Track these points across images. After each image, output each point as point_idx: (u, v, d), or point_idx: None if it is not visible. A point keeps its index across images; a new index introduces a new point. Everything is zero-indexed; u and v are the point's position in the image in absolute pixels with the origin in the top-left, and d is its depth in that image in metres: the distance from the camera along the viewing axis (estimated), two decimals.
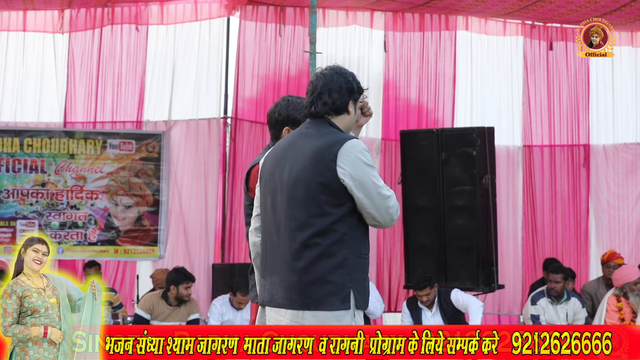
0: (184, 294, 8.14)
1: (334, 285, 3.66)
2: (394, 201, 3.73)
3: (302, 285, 3.67)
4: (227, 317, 8.29)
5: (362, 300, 3.72)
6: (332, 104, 3.77)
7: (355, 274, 3.69)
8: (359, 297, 3.70)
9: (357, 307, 3.70)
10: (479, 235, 8.63)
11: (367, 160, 3.69)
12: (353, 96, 3.82)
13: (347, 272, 3.67)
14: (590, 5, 9.16)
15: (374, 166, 3.72)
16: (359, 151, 3.69)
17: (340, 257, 3.67)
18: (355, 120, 3.88)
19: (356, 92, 3.83)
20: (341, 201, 3.66)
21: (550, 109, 10.54)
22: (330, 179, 3.66)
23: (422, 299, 8.06)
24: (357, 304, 3.69)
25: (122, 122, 9.82)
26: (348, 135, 3.78)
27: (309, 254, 3.67)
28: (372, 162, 3.72)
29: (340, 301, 3.66)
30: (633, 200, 10.55)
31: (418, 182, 9.01)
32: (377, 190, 3.68)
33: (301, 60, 9.89)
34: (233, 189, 9.83)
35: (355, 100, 3.84)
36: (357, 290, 3.69)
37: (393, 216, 3.74)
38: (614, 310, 8.12)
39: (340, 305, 3.66)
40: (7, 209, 9.54)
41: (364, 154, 3.70)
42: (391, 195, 3.72)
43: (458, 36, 10.45)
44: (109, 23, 9.76)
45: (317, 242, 3.66)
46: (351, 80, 3.83)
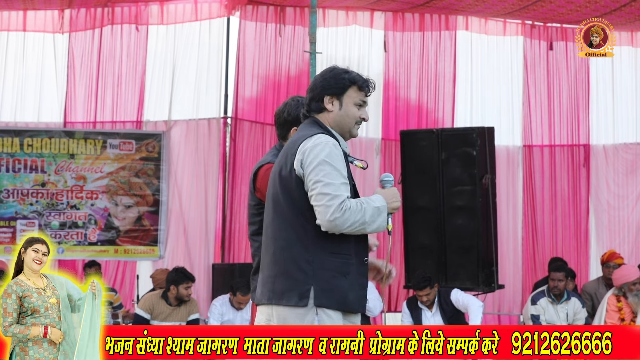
0: (184, 294, 8.14)
1: (294, 280, 3.63)
2: (335, 202, 3.55)
3: (270, 279, 3.71)
4: (227, 317, 8.28)
5: (328, 299, 3.61)
6: (307, 105, 3.80)
7: (321, 272, 3.61)
8: (322, 295, 3.60)
9: (321, 306, 3.60)
10: (479, 235, 8.62)
11: (322, 153, 3.60)
12: (327, 92, 3.74)
13: (310, 269, 3.61)
14: (590, 5, 9.16)
15: (327, 160, 3.59)
16: (317, 144, 3.62)
17: (303, 252, 3.63)
18: (346, 117, 3.75)
19: (333, 87, 3.74)
20: (301, 194, 3.64)
21: (550, 109, 10.54)
22: (290, 172, 3.66)
23: (422, 299, 8.06)
24: (317, 302, 3.60)
25: (122, 122, 9.82)
26: (319, 130, 3.70)
27: (275, 247, 3.70)
28: (330, 157, 3.60)
29: (299, 297, 3.62)
30: (633, 200, 10.55)
31: (418, 182, 9.01)
32: (319, 184, 3.58)
33: (301, 60, 9.89)
34: (233, 189, 9.83)
35: (334, 96, 3.74)
36: (319, 287, 3.60)
37: (327, 216, 3.56)
38: (614, 310, 8.12)
39: (298, 301, 3.61)
40: (7, 209, 9.54)
41: (324, 148, 3.61)
42: (333, 195, 3.56)
43: (458, 36, 10.45)
44: (109, 23, 9.77)
45: (282, 236, 3.68)
46: (328, 77, 3.77)
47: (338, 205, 3.54)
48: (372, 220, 3.63)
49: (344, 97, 3.76)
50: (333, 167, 3.60)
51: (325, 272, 3.61)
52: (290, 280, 3.65)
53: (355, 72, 3.81)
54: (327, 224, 3.57)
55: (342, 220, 3.55)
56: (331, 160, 3.60)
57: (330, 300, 3.61)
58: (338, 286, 3.63)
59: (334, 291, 3.62)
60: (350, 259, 3.67)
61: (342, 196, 3.56)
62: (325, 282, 3.61)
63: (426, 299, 8.04)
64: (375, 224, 3.65)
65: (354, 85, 3.76)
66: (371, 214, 3.62)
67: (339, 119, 3.77)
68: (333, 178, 3.58)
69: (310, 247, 3.63)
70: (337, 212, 3.54)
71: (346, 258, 3.66)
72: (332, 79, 3.77)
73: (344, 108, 3.76)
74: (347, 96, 3.76)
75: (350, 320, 3.72)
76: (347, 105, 3.76)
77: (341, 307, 3.64)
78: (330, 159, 3.60)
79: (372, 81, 3.84)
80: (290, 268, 3.65)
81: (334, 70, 3.81)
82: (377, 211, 3.64)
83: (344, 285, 3.64)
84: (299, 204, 3.64)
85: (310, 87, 3.82)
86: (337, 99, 3.76)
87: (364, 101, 3.80)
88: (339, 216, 3.54)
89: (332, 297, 3.62)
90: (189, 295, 8.19)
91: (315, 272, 3.61)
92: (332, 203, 3.55)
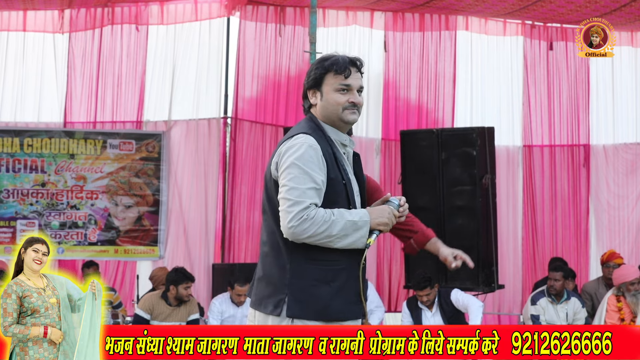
0: (184, 294, 8.13)
1: (271, 288, 3.50)
2: (295, 209, 3.35)
3: (255, 282, 3.62)
4: (227, 315, 8.29)
5: (302, 309, 3.44)
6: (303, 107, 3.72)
7: (297, 281, 3.44)
8: (295, 305, 3.43)
9: (295, 317, 3.43)
10: (479, 235, 8.62)
11: (294, 155, 3.43)
12: (309, 86, 3.64)
13: (286, 277, 3.45)
14: (590, 5, 9.16)
15: (299, 165, 3.41)
16: (292, 145, 3.47)
17: (281, 259, 3.48)
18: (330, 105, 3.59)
19: (311, 80, 3.62)
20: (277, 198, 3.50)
21: (550, 109, 10.55)
22: (270, 175, 3.54)
23: (422, 299, 8.06)
24: (289, 312, 3.43)
25: (122, 122, 9.83)
26: (302, 131, 3.54)
27: (261, 251, 3.61)
28: (302, 159, 3.42)
29: (273, 306, 3.48)
30: (633, 200, 10.55)
31: (418, 182, 9.00)
32: (285, 189, 3.40)
33: (301, 60, 9.90)
34: (233, 189, 9.84)
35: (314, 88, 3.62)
36: (292, 297, 3.43)
37: (285, 222, 3.37)
38: (614, 310, 8.11)
39: (272, 310, 3.47)
40: (7, 209, 9.54)
41: (297, 149, 3.44)
42: (295, 201, 3.36)
43: (458, 36, 10.46)
44: (109, 23, 9.77)
45: (264, 241, 3.58)
46: (308, 72, 3.66)
47: (297, 213, 3.35)
48: (343, 234, 3.41)
49: (322, 87, 3.61)
50: (302, 170, 3.40)
51: (302, 281, 3.43)
52: (269, 288, 3.51)
53: (334, 57, 3.62)
54: (286, 231, 3.38)
55: (301, 230, 3.35)
56: (302, 162, 3.41)
57: (305, 310, 3.44)
58: (316, 296, 3.43)
59: (310, 301, 3.44)
60: (337, 264, 3.47)
61: (303, 203, 3.36)
62: (301, 292, 3.43)
63: (426, 299, 8.04)
64: (349, 238, 3.43)
65: (329, 72, 3.59)
66: (342, 228, 3.40)
67: (323, 110, 3.61)
68: (299, 182, 3.38)
69: (288, 254, 3.46)
70: (295, 220, 3.35)
71: (330, 264, 3.46)
72: (310, 73, 3.64)
73: (324, 97, 3.60)
74: (325, 85, 3.60)
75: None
76: (327, 94, 3.59)
77: (320, 317, 3.47)
78: (301, 161, 3.41)
79: (355, 59, 3.64)
80: (269, 274, 3.52)
81: (314, 64, 3.67)
82: (354, 225, 3.43)
83: (323, 294, 3.44)
84: (277, 208, 3.48)
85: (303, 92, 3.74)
86: (318, 90, 3.62)
87: (346, 84, 3.58)
88: (296, 224, 3.35)
89: (307, 308, 3.44)
90: (188, 295, 8.19)
91: (291, 281, 3.44)
92: (291, 210, 3.35)
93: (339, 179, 3.53)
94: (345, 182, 3.55)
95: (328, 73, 3.59)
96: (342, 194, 3.54)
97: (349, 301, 3.51)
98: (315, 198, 3.41)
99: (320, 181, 3.44)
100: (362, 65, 3.66)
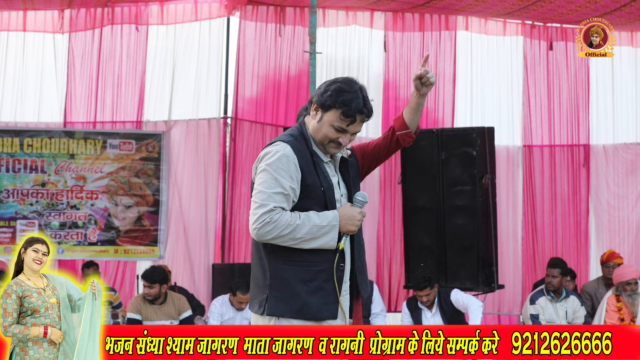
0: (152, 294, 8.14)
1: (257, 288, 3.68)
2: (259, 212, 3.52)
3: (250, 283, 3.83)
4: (227, 317, 8.29)
5: (282, 308, 3.58)
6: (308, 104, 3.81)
7: (276, 280, 3.59)
8: (275, 304, 3.58)
9: (277, 315, 3.59)
10: (479, 235, 8.62)
11: (267, 161, 3.59)
12: (316, 101, 3.71)
13: (267, 277, 3.61)
14: (590, 5, 9.16)
15: (269, 170, 3.58)
16: (268, 152, 3.63)
17: (262, 261, 3.65)
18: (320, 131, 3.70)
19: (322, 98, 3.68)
20: None
21: (550, 109, 10.55)
22: (253, 179, 3.71)
23: (422, 299, 8.06)
24: (271, 310, 3.59)
25: (122, 122, 9.83)
26: (283, 138, 3.68)
27: (252, 254, 3.76)
28: (274, 166, 3.57)
29: (258, 305, 3.66)
30: (633, 200, 10.55)
31: (418, 182, 9.01)
32: (254, 192, 3.60)
33: (301, 60, 9.90)
34: (233, 189, 9.84)
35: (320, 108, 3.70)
36: (272, 296, 3.59)
37: (250, 223, 3.57)
38: (614, 310, 8.12)
39: (258, 309, 3.66)
40: (7, 209, 9.54)
41: (272, 156, 3.60)
42: (260, 204, 3.53)
43: (458, 36, 10.45)
44: (109, 23, 9.77)
45: (253, 243, 3.73)
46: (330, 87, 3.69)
47: (261, 215, 3.52)
48: (310, 237, 3.56)
49: (325, 114, 3.70)
50: (271, 175, 3.56)
51: (280, 281, 3.58)
52: (255, 288, 3.71)
53: (350, 97, 3.66)
54: (251, 231, 3.57)
55: (264, 232, 3.52)
56: (272, 168, 3.57)
57: (284, 309, 3.58)
58: (293, 294, 3.57)
59: (288, 299, 3.58)
60: (315, 266, 3.60)
61: (268, 205, 3.52)
62: (279, 291, 3.58)
63: (426, 299, 8.04)
64: (317, 241, 3.58)
65: (339, 109, 3.66)
66: (307, 232, 3.55)
67: (315, 131, 3.73)
68: (267, 186, 3.55)
69: (267, 256, 3.62)
70: (258, 222, 3.52)
71: (307, 265, 3.59)
72: (327, 91, 3.69)
73: (321, 122, 3.71)
74: (328, 114, 3.69)
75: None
76: (325, 123, 3.70)
77: (300, 315, 3.59)
78: (272, 167, 3.57)
79: (368, 109, 3.71)
80: (255, 276, 3.71)
81: (338, 84, 3.71)
82: (321, 230, 3.57)
83: (300, 293, 3.57)
84: None
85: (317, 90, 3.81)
86: (321, 111, 3.71)
87: (343, 128, 3.68)
88: (259, 226, 3.52)
89: (285, 306, 3.58)
90: (160, 293, 8.15)
91: (271, 281, 3.59)
92: (256, 212, 3.54)
93: (317, 185, 3.67)
94: (324, 189, 3.68)
95: (337, 109, 3.67)
96: (320, 199, 3.67)
97: (326, 301, 3.62)
98: (282, 202, 3.57)
99: (289, 187, 3.58)
100: (370, 116, 3.75)
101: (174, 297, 8.34)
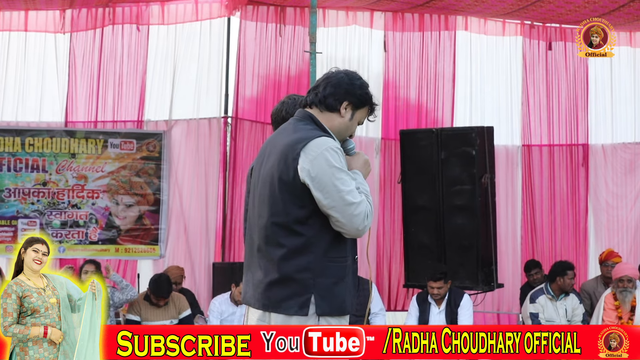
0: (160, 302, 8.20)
1: (293, 289, 3.55)
2: (362, 209, 3.51)
3: (264, 285, 3.61)
4: (227, 314, 8.32)
5: (329, 306, 3.57)
6: (323, 97, 3.64)
7: (320, 279, 3.54)
8: (323, 303, 3.55)
9: (322, 314, 3.56)
10: (479, 235, 8.64)
11: (331, 159, 3.49)
12: (350, 99, 3.64)
13: (310, 277, 3.52)
14: (590, 6, 9.18)
15: (339, 168, 3.50)
16: (324, 149, 3.51)
17: (303, 260, 3.53)
18: (349, 129, 3.69)
19: (356, 98, 3.65)
20: (303, 202, 3.52)
21: (549, 108, 10.57)
22: (292, 178, 3.52)
23: (433, 291, 7.99)
24: (319, 310, 3.55)
25: (123, 122, 9.85)
26: (319, 133, 3.59)
27: (273, 253, 3.58)
28: (340, 163, 3.52)
29: (299, 306, 3.54)
30: (632, 199, 10.57)
31: (418, 182, 9.02)
32: (339, 194, 3.49)
33: (301, 60, 9.92)
34: (233, 188, 9.86)
35: (352, 105, 3.64)
36: (320, 296, 3.54)
37: (357, 225, 3.51)
38: (612, 309, 8.13)
39: (298, 310, 3.54)
40: (8, 208, 9.57)
41: (330, 153, 3.50)
42: (358, 202, 3.50)
43: (457, 36, 10.48)
44: (110, 23, 9.79)
45: (280, 243, 3.56)
46: (357, 84, 3.66)
47: (361, 212, 3.51)
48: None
49: (357, 111, 3.68)
50: (344, 172, 3.53)
51: (325, 280, 3.54)
52: (288, 289, 3.55)
53: (372, 94, 3.74)
54: (356, 232, 3.54)
55: (368, 223, 3.55)
56: (341, 165, 3.53)
57: (332, 307, 3.56)
58: (337, 293, 3.57)
59: (334, 298, 3.56)
60: (346, 261, 3.60)
61: (363, 202, 3.52)
62: (326, 290, 3.54)
63: (437, 292, 7.98)
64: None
65: (369, 105, 3.70)
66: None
67: (343, 128, 3.68)
68: (349, 185, 3.51)
69: (310, 255, 3.53)
70: (364, 220, 3.52)
71: (343, 261, 3.59)
72: (359, 89, 3.66)
73: (352, 121, 3.68)
74: (359, 112, 3.68)
75: (342, 322, 3.67)
76: (355, 120, 3.69)
77: (340, 312, 3.61)
78: (340, 164, 3.52)
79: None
80: (289, 276, 3.55)
81: (362, 81, 3.71)
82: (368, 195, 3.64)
83: (342, 291, 3.58)
84: (301, 212, 3.53)
85: (335, 83, 3.66)
86: (352, 109, 3.67)
87: (363, 122, 3.77)
88: (367, 223, 3.54)
89: (332, 305, 3.56)
90: (166, 301, 8.21)
91: (316, 281, 3.53)
92: (361, 211, 3.50)
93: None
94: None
95: (368, 106, 3.70)
96: None
97: (353, 296, 3.67)
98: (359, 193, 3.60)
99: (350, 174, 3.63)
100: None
101: (174, 297, 8.36)
